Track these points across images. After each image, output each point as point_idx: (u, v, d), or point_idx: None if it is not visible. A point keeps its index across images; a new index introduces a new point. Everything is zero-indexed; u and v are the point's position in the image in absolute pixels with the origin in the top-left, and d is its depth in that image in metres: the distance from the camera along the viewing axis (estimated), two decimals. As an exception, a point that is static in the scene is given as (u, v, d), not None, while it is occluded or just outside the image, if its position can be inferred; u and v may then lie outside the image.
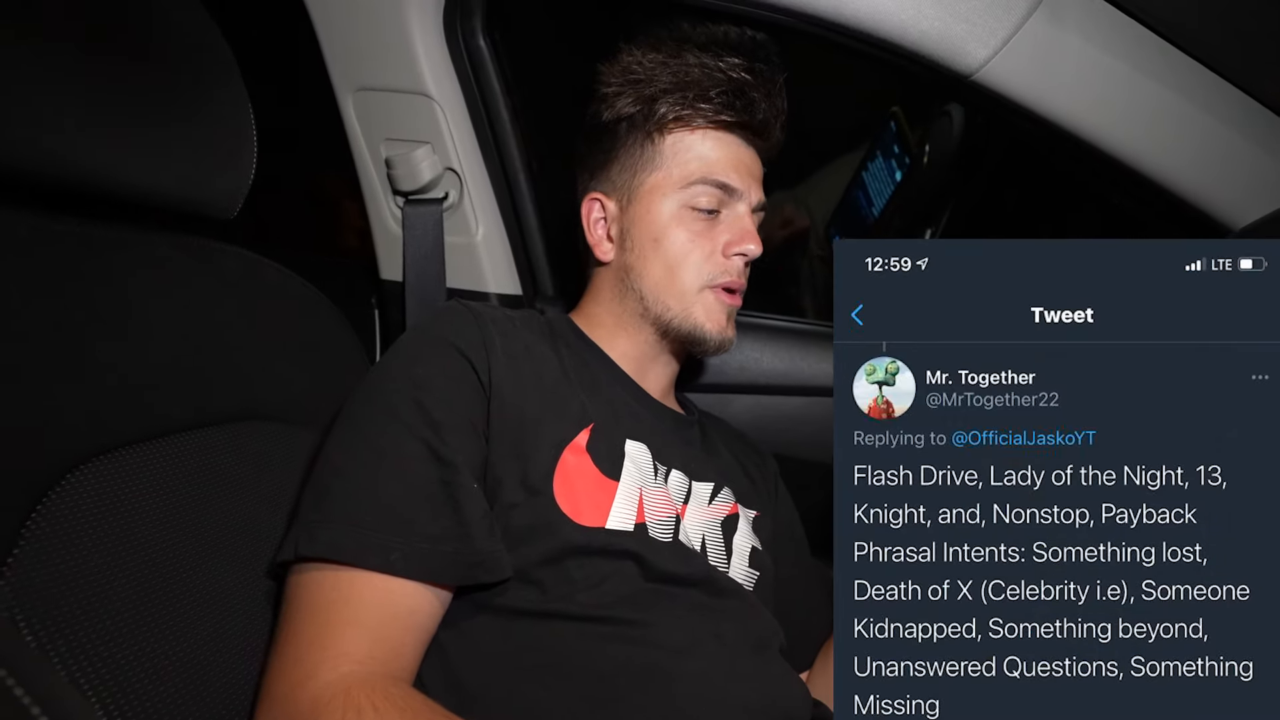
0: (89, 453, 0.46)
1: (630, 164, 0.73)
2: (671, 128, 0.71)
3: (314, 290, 0.71)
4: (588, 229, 0.75)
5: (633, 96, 0.71)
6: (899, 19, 0.66)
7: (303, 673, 0.48)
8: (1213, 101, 0.66)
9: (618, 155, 0.73)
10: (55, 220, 0.51)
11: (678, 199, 0.70)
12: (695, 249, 0.70)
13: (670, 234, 0.70)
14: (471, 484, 0.56)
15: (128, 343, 0.51)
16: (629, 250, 0.72)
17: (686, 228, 0.70)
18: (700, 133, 0.71)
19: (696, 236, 0.70)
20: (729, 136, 0.72)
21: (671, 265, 0.70)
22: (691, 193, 0.70)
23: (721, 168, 0.71)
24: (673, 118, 0.70)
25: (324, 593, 0.50)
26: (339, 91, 0.86)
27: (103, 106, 0.52)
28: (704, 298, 0.71)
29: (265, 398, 0.62)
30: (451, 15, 0.82)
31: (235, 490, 0.56)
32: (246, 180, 0.62)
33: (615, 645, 0.55)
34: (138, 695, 0.43)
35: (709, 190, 0.70)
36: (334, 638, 0.49)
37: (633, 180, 0.72)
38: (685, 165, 0.71)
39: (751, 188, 0.72)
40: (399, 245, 0.90)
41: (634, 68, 0.71)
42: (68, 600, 0.42)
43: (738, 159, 0.72)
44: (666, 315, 0.71)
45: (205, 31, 0.60)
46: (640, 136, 0.72)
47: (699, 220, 0.71)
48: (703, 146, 0.71)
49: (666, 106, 0.70)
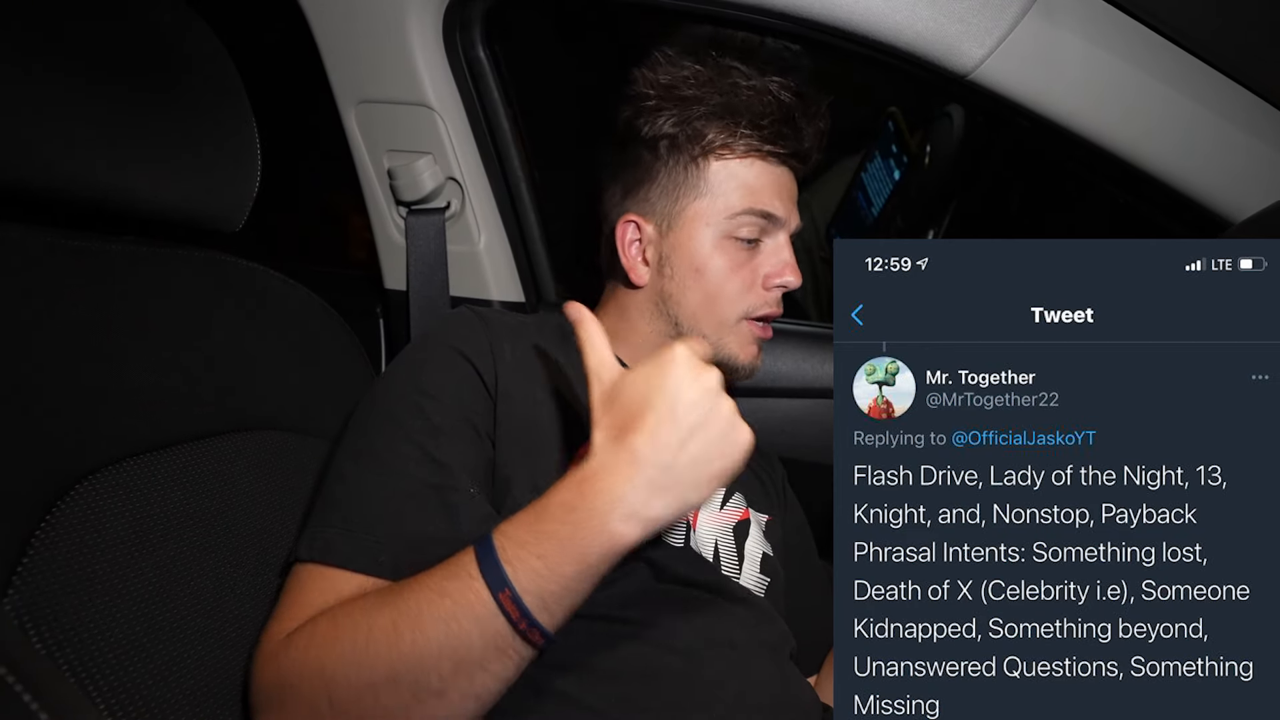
0: (98, 463, 0.47)
1: (671, 188, 0.69)
2: (720, 154, 0.68)
3: (319, 300, 0.72)
4: (622, 251, 0.71)
5: (676, 116, 0.68)
6: (894, 20, 0.66)
7: (282, 628, 0.49)
8: (1209, 95, 0.66)
9: (657, 177, 0.70)
10: (66, 236, 0.52)
11: (721, 228, 0.68)
12: (735, 279, 0.68)
13: (712, 264, 0.68)
14: (469, 488, 0.56)
15: (135, 354, 0.52)
16: (668, 277, 0.70)
17: (729, 257, 0.68)
18: (748, 160, 0.68)
19: (738, 267, 0.68)
20: (774, 164, 0.69)
21: (711, 295, 0.68)
22: (736, 223, 0.68)
23: (767, 197, 0.68)
24: (720, 144, 0.67)
25: (315, 590, 0.51)
26: (341, 104, 0.87)
27: (111, 125, 0.53)
28: (739, 328, 0.69)
29: (272, 408, 0.63)
30: (451, 27, 0.83)
31: (243, 499, 0.56)
32: (250, 194, 0.63)
33: (627, 645, 0.55)
34: (146, 703, 0.44)
35: (753, 220, 0.68)
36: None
37: (674, 206, 0.69)
38: (730, 195, 0.68)
39: (792, 214, 0.70)
40: (402, 255, 0.91)
41: (676, 83, 0.68)
42: (77, 609, 0.43)
43: (780, 186, 0.70)
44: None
45: (210, 50, 0.61)
46: (684, 159, 0.69)
47: (741, 250, 0.68)
48: (748, 174, 0.68)
49: (714, 132, 0.67)
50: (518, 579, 0.43)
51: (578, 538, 0.43)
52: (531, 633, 0.44)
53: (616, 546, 0.43)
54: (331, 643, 0.46)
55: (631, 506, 0.43)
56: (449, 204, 0.90)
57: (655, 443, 0.44)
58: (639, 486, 0.43)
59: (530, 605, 0.43)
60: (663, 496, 0.43)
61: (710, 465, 0.44)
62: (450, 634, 0.43)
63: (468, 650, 0.43)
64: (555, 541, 0.43)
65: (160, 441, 0.52)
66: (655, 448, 0.44)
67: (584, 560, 0.43)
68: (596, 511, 0.43)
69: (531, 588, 0.43)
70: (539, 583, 0.43)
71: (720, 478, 0.44)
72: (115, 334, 0.51)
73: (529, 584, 0.43)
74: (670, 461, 0.43)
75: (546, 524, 0.44)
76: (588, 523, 0.43)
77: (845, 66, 0.78)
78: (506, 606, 0.43)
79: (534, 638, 0.44)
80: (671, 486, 0.43)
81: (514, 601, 0.43)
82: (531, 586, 0.43)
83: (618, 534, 0.43)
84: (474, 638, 0.43)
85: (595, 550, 0.43)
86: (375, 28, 0.81)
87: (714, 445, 0.44)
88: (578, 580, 0.44)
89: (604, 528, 0.43)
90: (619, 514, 0.43)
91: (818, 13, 0.68)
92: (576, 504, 0.44)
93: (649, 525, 0.44)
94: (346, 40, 0.83)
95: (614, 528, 0.43)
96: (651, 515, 0.43)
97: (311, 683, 0.45)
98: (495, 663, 0.44)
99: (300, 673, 0.46)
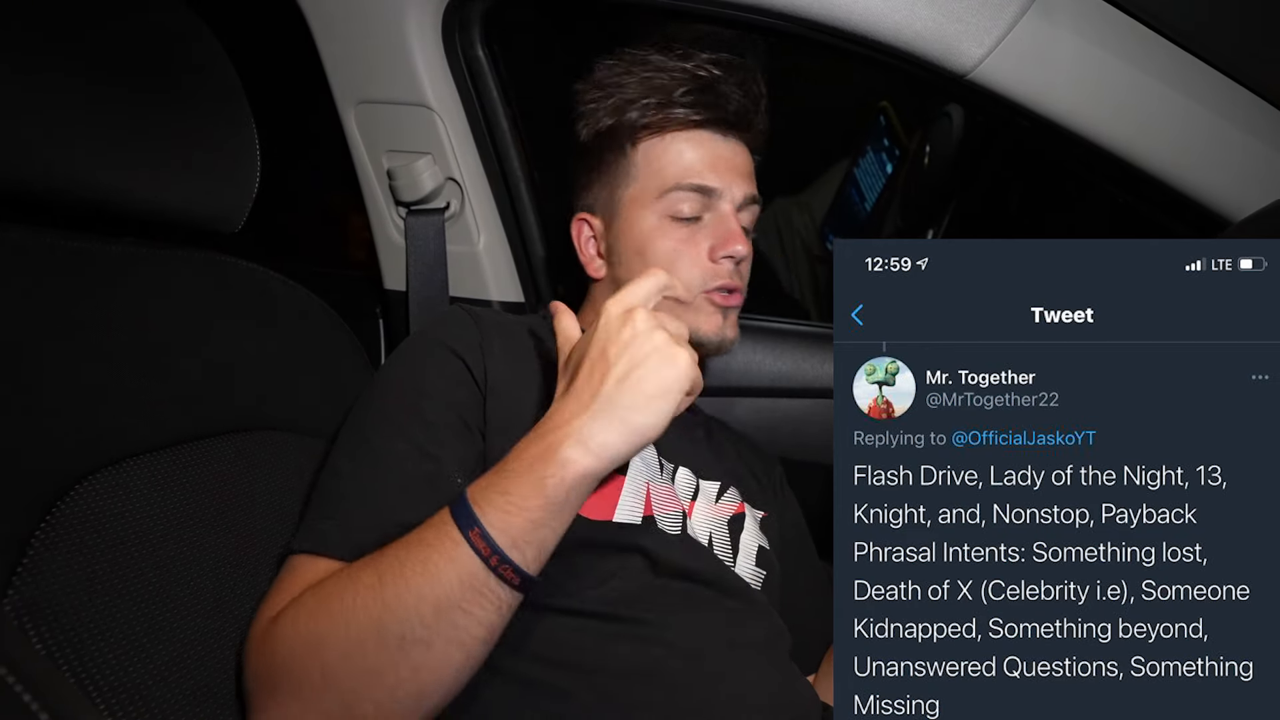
0: (98, 463, 0.47)
1: (609, 179, 0.73)
2: (642, 136, 0.70)
3: (319, 301, 0.72)
4: (580, 248, 0.76)
5: (604, 110, 0.71)
6: (893, 20, 0.66)
7: (271, 612, 0.49)
8: (1207, 94, 0.66)
9: (599, 172, 0.73)
10: (66, 237, 0.52)
11: (657, 209, 0.70)
12: (680, 258, 0.69)
13: (653, 245, 0.70)
14: (457, 478, 0.56)
15: (135, 355, 0.52)
16: (617, 265, 0.73)
17: (670, 236, 0.70)
18: (671, 136, 0.70)
19: (680, 244, 0.70)
20: (703, 135, 0.70)
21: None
22: (669, 201, 0.69)
23: (697, 169, 0.69)
24: (642, 125, 0.70)
25: (302, 577, 0.51)
26: (340, 105, 0.87)
27: (111, 126, 0.53)
28: (697, 304, 0.70)
29: (271, 408, 0.63)
30: (450, 27, 0.83)
31: (243, 499, 0.57)
32: (250, 195, 0.63)
33: (623, 644, 0.55)
34: (146, 703, 0.44)
35: (687, 195, 0.69)
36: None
37: (613, 196, 0.72)
38: (660, 174, 0.70)
39: (734, 184, 0.70)
40: (402, 255, 0.91)
41: (604, 82, 0.71)
42: (77, 609, 0.43)
43: (715, 156, 0.70)
44: None
45: (209, 51, 0.61)
46: (614, 149, 0.72)
47: (681, 227, 0.70)
48: (675, 150, 0.70)
49: (636, 114, 0.69)
50: (485, 516, 0.46)
51: (535, 470, 0.46)
52: (504, 569, 0.45)
53: (570, 473, 0.46)
54: (320, 607, 0.47)
55: (578, 434, 0.47)
56: (448, 204, 0.90)
57: (591, 380, 0.48)
58: (581, 416, 0.47)
59: (499, 540, 0.45)
60: (604, 420, 0.47)
61: (645, 384, 0.47)
62: (428, 577, 0.45)
63: (446, 592, 0.45)
64: (515, 478, 0.47)
65: (160, 442, 0.52)
66: (590, 383, 0.48)
67: (543, 490, 0.46)
68: (548, 445, 0.47)
69: (499, 523, 0.46)
70: (505, 519, 0.46)
71: (661, 397, 0.47)
72: (115, 334, 0.51)
73: (496, 520, 0.46)
74: (606, 391, 0.47)
75: (509, 465, 0.48)
76: (542, 456, 0.47)
77: (847, 69, 0.78)
78: (477, 544, 0.45)
79: (507, 574, 0.46)
80: (610, 410, 0.47)
81: (484, 539, 0.45)
82: (499, 523, 0.46)
83: (569, 459, 0.46)
84: (451, 578, 0.45)
85: (552, 479, 0.46)
86: (374, 28, 0.81)
87: (648, 370, 0.47)
88: (544, 513, 0.46)
89: (554, 456, 0.46)
90: (568, 443, 0.46)
91: (816, 12, 0.68)
92: (531, 444, 0.48)
93: (600, 451, 0.46)
94: (345, 41, 0.83)
95: (564, 454, 0.46)
96: (599, 440, 0.46)
97: (302, 656, 0.46)
98: (474, 604, 0.45)
99: (290, 647, 0.47)
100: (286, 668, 0.46)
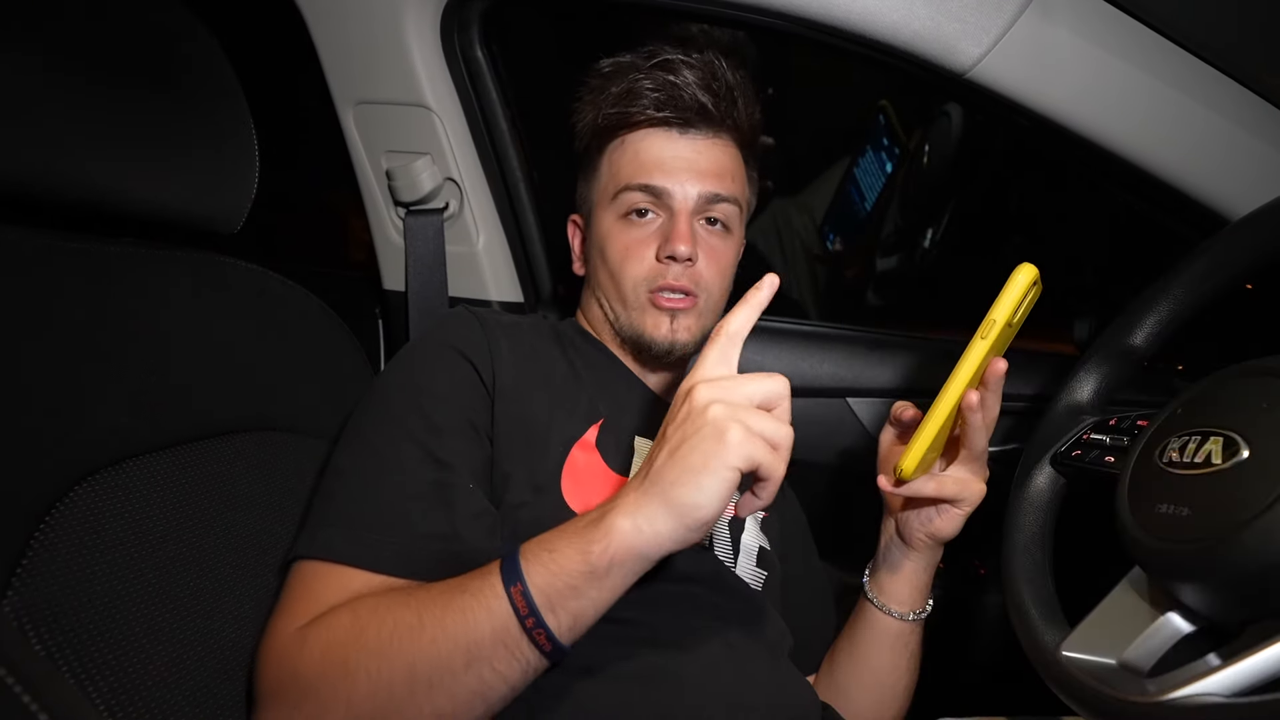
0: (98, 464, 0.47)
1: (588, 180, 0.75)
2: (607, 138, 0.72)
3: (318, 301, 0.72)
4: (572, 248, 0.79)
5: (585, 114, 0.73)
6: (891, 20, 0.66)
7: (293, 622, 0.49)
8: (1205, 92, 0.66)
9: (583, 173, 0.76)
10: (65, 238, 0.52)
11: (613, 209, 0.71)
12: (630, 256, 0.70)
13: (609, 243, 0.71)
14: (468, 484, 0.56)
15: (134, 355, 0.52)
16: (590, 263, 0.75)
17: (624, 236, 0.70)
18: (631, 136, 0.70)
19: (632, 244, 0.70)
20: (658, 133, 0.70)
21: (612, 273, 0.71)
22: (621, 201, 0.70)
23: (647, 169, 0.69)
24: (607, 128, 0.71)
25: (323, 586, 0.51)
26: (339, 105, 0.87)
27: (109, 127, 0.53)
28: (644, 304, 0.70)
29: (271, 408, 0.63)
30: (449, 27, 0.82)
31: (242, 500, 0.56)
32: (249, 196, 0.63)
33: (623, 647, 0.55)
34: (146, 704, 0.44)
35: (635, 195, 0.69)
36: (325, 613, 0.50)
37: (590, 196, 0.75)
38: (616, 175, 0.71)
39: (687, 182, 0.69)
40: (401, 255, 0.91)
41: (590, 85, 0.73)
42: (76, 610, 0.43)
43: (670, 155, 0.69)
44: (619, 323, 0.72)
45: (208, 51, 0.61)
46: (594, 152, 0.74)
47: (634, 227, 0.70)
48: (631, 151, 0.70)
49: (603, 118, 0.71)
50: (529, 573, 0.45)
51: (583, 534, 0.46)
52: (537, 632, 0.45)
53: (615, 543, 0.45)
54: (355, 638, 0.47)
55: (628, 508, 0.46)
56: (447, 205, 0.90)
57: (650, 458, 0.48)
58: (634, 491, 0.47)
59: (537, 599, 0.45)
60: (651, 496, 0.46)
61: (689, 458, 0.45)
62: (466, 627, 0.45)
63: (479, 644, 0.45)
64: (563, 538, 0.47)
65: (159, 442, 0.52)
66: (649, 461, 0.48)
67: (587, 556, 0.45)
68: (601, 513, 0.47)
69: (540, 582, 0.45)
70: (548, 578, 0.45)
71: (706, 472, 0.44)
72: (114, 335, 0.51)
73: (539, 579, 0.45)
74: (657, 467, 0.46)
75: (564, 527, 0.48)
76: (593, 522, 0.46)
77: (848, 70, 0.78)
78: (516, 600, 0.45)
79: (540, 638, 0.45)
80: (657, 486, 0.46)
81: (523, 596, 0.45)
82: (540, 582, 0.45)
83: (614, 528, 0.45)
84: (485, 630, 0.45)
85: (597, 545, 0.45)
86: (373, 28, 0.81)
87: (693, 444, 0.45)
88: (584, 580, 0.45)
89: (602, 523, 0.46)
90: (617, 513, 0.46)
91: (815, 12, 0.68)
92: (590, 512, 0.48)
93: (645, 528, 0.45)
94: (344, 41, 0.83)
95: (611, 522, 0.46)
96: (645, 515, 0.45)
97: (332, 680, 0.46)
98: (503, 662, 0.45)
99: (320, 670, 0.46)
100: (314, 689, 0.46)
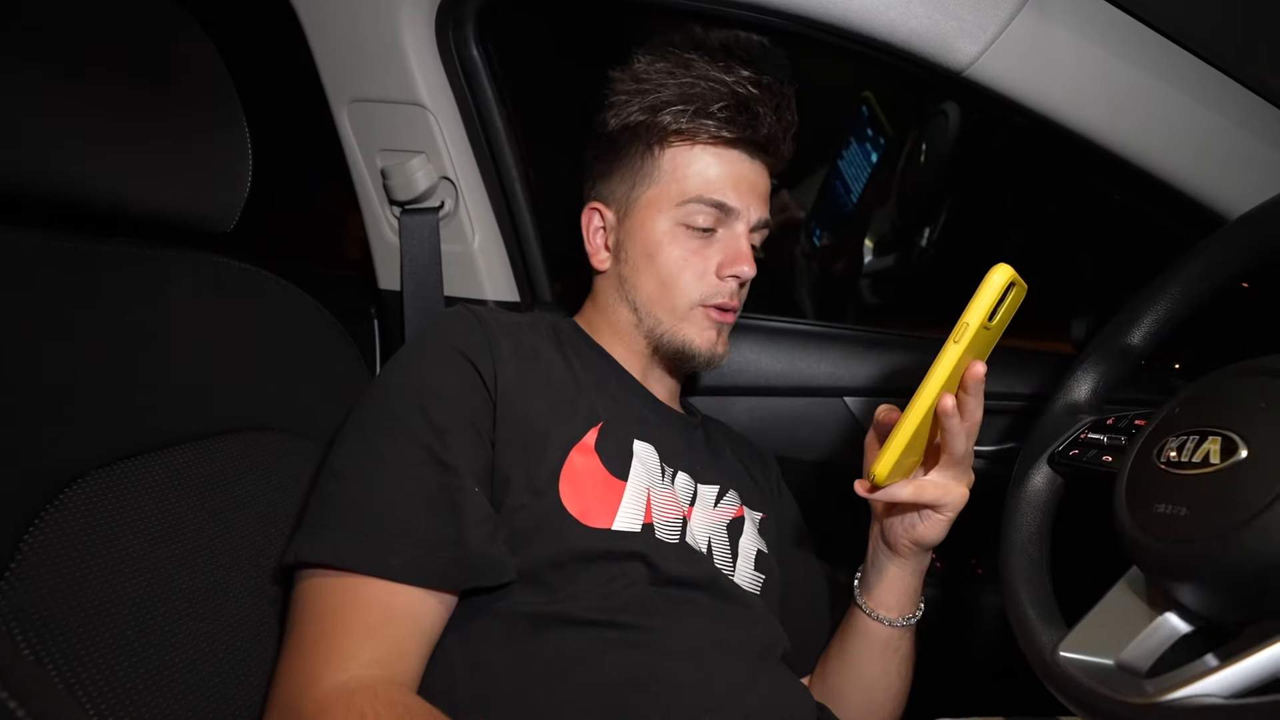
0: (90, 465, 0.47)
1: (630, 175, 0.72)
2: (672, 141, 0.70)
3: (312, 301, 0.71)
4: (587, 238, 0.75)
5: (638, 106, 0.70)
6: (888, 17, 0.66)
7: (306, 678, 0.48)
8: (1204, 90, 0.65)
9: (619, 165, 0.73)
10: (58, 238, 0.51)
11: (673, 216, 0.70)
12: (688, 267, 0.70)
13: (664, 250, 0.70)
14: (473, 488, 0.56)
15: (127, 356, 0.52)
16: (624, 262, 0.72)
17: (681, 245, 0.70)
18: (701, 148, 0.70)
19: (690, 255, 0.70)
20: (731, 153, 0.70)
21: (664, 282, 0.70)
22: (687, 210, 0.69)
23: (720, 186, 0.69)
24: (674, 130, 0.69)
25: (327, 598, 0.50)
26: (333, 103, 0.86)
27: (102, 126, 0.52)
28: (694, 315, 0.71)
29: (265, 408, 0.62)
30: (444, 25, 0.82)
31: (237, 501, 0.56)
32: (243, 194, 0.62)
33: (619, 651, 0.55)
34: (137, 708, 0.44)
35: (705, 209, 0.69)
36: (337, 642, 0.49)
37: (632, 193, 0.72)
38: (683, 182, 0.70)
39: (752, 205, 0.71)
40: (396, 255, 0.91)
41: (641, 76, 0.70)
42: (65, 613, 0.42)
43: (739, 176, 0.70)
44: (658, 330, 0.71)
45: (201, 49, 0.61)
46: (641, 148, 0.71)
47: (694, 238, 0.70)
48: (702, 163, 0.70)
49: (669, 118, 0.69)
50: None
51: None
52: None
53: None
54: None
55: None
56: (443, 203, 0.89)
57: None
58: None
59: None
60: None
61: None
62: None
63: None
64: None
65: (153, 443, 0.51)
66: None
67: None
68: None
69: None
70: None
71: None
72: (107, 335, 0.51)
73: None
74: None
75: None
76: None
77: (841, 66, 0.78)
78: None
79: None
80: None
81: None
82: None
83: None
84: None
85: None
86: (367, 26, 0.81)
87: None
88: None
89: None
90: None
91: (812, 10, 0.67)
92: None
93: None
94: (338, 39, 0.83)
95: None
96: None
97: None
98: None
99: None
100: None
